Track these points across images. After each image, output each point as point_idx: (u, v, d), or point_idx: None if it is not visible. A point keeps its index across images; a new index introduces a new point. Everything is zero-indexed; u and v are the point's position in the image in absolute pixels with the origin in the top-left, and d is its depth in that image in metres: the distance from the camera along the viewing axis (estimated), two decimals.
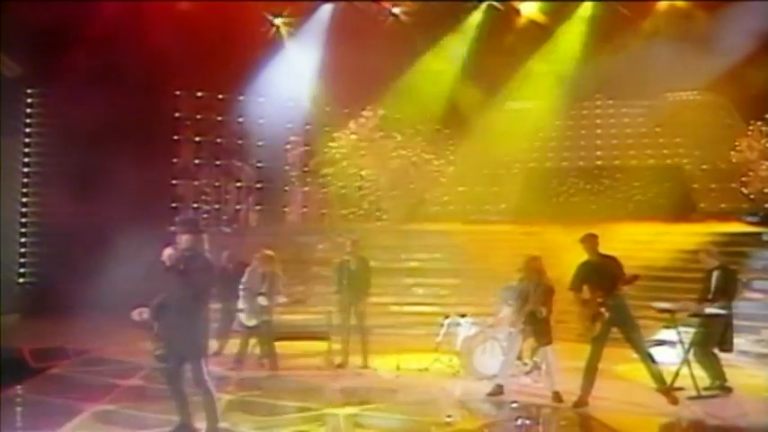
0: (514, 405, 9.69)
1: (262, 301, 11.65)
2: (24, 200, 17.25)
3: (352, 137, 19.94)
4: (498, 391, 10.31)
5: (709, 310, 10.17)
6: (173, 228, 8.14)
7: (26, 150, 17.28)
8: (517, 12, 19.69)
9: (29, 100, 17.28)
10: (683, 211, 18.33)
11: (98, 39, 16.42)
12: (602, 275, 9.66)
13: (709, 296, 10.41)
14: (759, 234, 15.45)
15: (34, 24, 15.29)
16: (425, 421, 9.16)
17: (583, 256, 10.00)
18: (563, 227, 17.78)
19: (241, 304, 11.91)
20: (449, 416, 9.02)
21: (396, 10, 19.21)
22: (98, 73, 16.41)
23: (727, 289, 10.42)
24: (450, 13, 19.11)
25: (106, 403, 9.61)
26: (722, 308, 10.17)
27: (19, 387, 10.44)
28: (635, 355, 10.01)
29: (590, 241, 9.92)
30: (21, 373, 11.09)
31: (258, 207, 20.12)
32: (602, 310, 9.57)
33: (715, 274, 10.56)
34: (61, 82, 16.64)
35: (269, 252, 12.15)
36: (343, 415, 9.31)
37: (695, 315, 10.37)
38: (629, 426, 9.02)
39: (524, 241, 16.36)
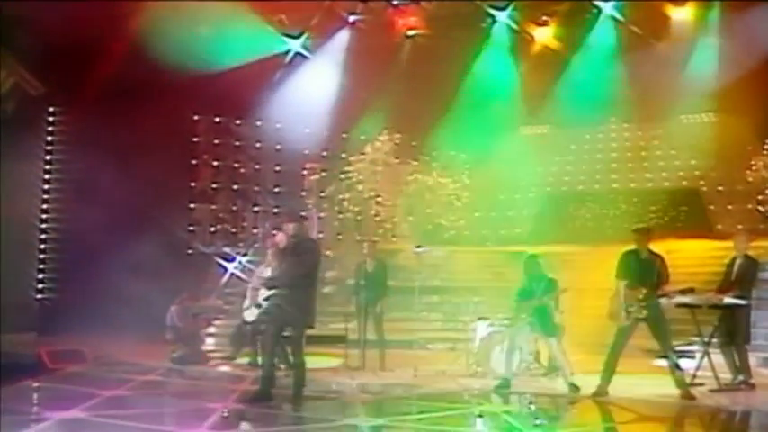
0: (529, 398, 9.65)
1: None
2: (44, 216, 17.35)
3: (369, 162, 20.06)
4: (505, 384, 10.30)
5: (728, 300, 10.11)
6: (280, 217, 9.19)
7: (46, 168, 17.46)
8: (531, 37, 19.88)
9: (50, 118, 17.52)
10: (701, 232, 18.23)
11: (119, 60, 16.66)
12: (647, 270, 9.67)
13: (729, 285, 10.36)
14: None
15: (55, 43, 15.57)
16: (442, 406, 9.12)
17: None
18: (579, 248, 17.98)
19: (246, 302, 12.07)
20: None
21: (411, 33, 19.45)
22: (118, 95, 16.60)
23: (746, 277, 10.38)
24: (465, 39, 19.30)
25: (122, 392, 9.61)
26: (740, 297, 10.11)
27: (36, 380, 10.44)
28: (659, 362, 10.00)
29: (641, 234, 10.01)
30: (38, 373, 11.07)
31: (275, 232, 20.15)
32: (640, 305, 9.53)
33: (738, 262, 10.56)
34: (82, 102, 16.88)
35: None
36: (359, 402, 9.30)
37: (715, 306, 10.30)
38: (651, 411, 8.90)
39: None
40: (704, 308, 10.38)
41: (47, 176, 17.47)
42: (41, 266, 17.17)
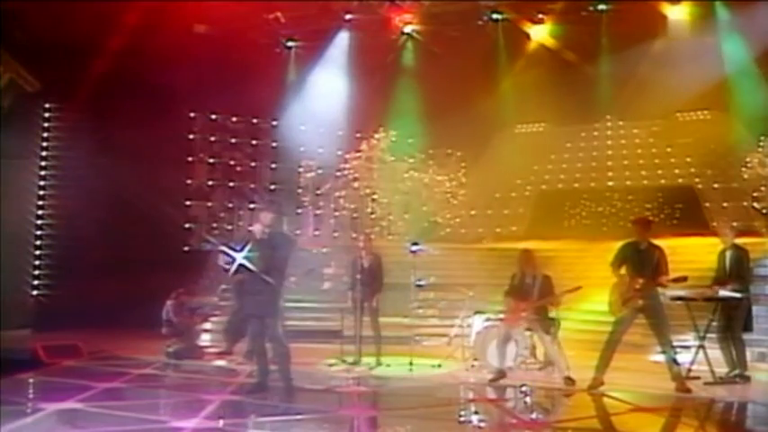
0: (524, 388, 9.67)
1: None
2: (39, 213, 17.32)
3: (365, 160, 20.02)
4: (500, 375, 10.33)
5: (724, 292, 10.12)
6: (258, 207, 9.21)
7: (42, 164, 17.44)
8: (527, 36, 19.91)
9: (47, 115, 17.50)
10: (696, 230, 18.21)
11: (115, 57, 16.63)
12: (645, 261, 9.67)
13: (724, 278, 10.38)
14: None
15: (52, 40, 15.58)
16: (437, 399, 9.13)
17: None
18: (575, 245, 17.99)
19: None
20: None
21: (408, 30, 19.45)
22: (114, 92, 16.61)
23: (740, 270, 10.39)
24: (462, 37, 19.31)
25: (118, 384, 9.61)
26: (737, 290, 10.12)
27: (32, 373, 10.44)
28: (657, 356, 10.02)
29: (641, 224, 10.02)
30: (34, 367, 11.05)
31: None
32: (637, 295, 9.56)
33: (728, 255, 10.57)
34: (78, 99, 16.86)
35: None
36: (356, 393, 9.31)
37: (710, 299, 10.32)
38: (646, 402, 8.92)
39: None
40: (699, 301, 10.43)
41: (42, 173, 17.43)
42: (37, 263, 17.09)
